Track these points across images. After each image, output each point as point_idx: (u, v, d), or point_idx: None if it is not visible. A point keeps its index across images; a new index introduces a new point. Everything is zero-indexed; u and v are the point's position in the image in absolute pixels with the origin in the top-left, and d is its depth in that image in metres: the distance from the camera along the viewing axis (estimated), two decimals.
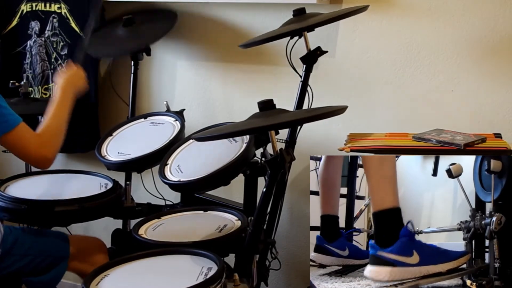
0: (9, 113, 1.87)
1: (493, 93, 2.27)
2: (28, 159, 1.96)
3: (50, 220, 2.10)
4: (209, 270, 1.68)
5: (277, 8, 2.47)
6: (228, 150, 2.11)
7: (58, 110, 2.01)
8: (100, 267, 1.73)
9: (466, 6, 2.26)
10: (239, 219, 2.02)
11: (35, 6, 2.85)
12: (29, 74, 2.90)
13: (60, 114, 2.01)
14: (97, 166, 2.44)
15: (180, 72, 2.78)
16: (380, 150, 2.00)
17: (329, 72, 2.47)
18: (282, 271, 2.51)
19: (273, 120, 1.68)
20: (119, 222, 2.36)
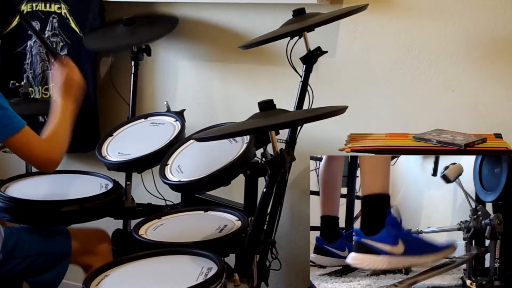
0: (14, 116, 1.86)
1: (494, 93, 2.27)
2: (34, 162, 1.93)
3: (50, 221, 2.10)
4: (209, 270, 1.68)
5: (278, 8, 2.47)
6: (228, 150, 2.11)
7: (62, 113, 1.99)
8: (101, 267, 1.73)
9: (466, 6, 2.26)
10: (240, 219, 2.02)
11: (35, 6, 2.85)
12: (29, 74, 2.90)
13: (64, 117, 1.99)
14: (98, 166, 2.44)
15: (181, 72, 2.79)
16: (381, 150, 2.00)
17: (329, 72, 2.47)
18: (282, 271, 2.51)
19: (274, 120, 1.68)
20: (120, 223, 2.36)
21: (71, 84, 2.06)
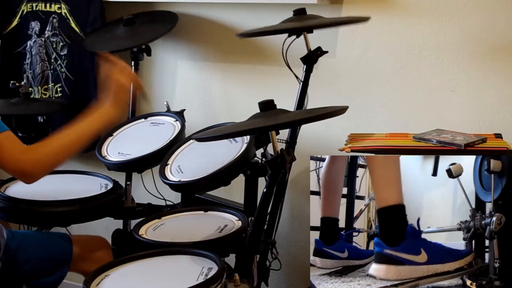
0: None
1: (494, 93, 2.27)
2: (5, 170, 1.77)
3: (50, 221, 2.10)
4: (210, 270, 1.68)
5: (278, 8, 2.47)
6: (228, 150, 2.11)
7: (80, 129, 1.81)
8: (101, 268, 1.73)
9: (466, 6, 2.26)
10: (240, 219, 2.02)
11: (35, 6, 2.85)
12: (29, 74, 2.90)
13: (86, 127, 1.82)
14: (98, 167, 2.44)
15: (181, 72, 2.79)
16: (381, 150, 2.00)
17: (329, 72, 2.47)
18: (282, 271, 2.51)
19: (274, 121, 1.68)
20: (120, 223, 2.36)
21: (122, 89, 1.91)
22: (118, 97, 1.89)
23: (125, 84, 1.92)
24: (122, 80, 1.90)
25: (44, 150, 1.77)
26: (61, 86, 2.86)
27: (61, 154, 1.79)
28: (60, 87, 2.86)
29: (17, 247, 1.97)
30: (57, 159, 1.79)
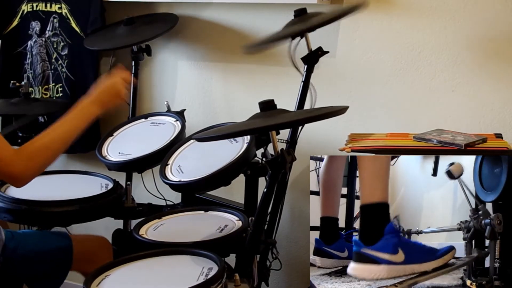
0: None
1: (494, 93, 2.27)
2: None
3: (50, 221, 2.10)
4: (210, 270, 1.68)
5: (278, 8, 2.47)
6: (229, 150, 2.11)
7: (61, 126, 1.79)
8: (101, 268, 1.73)
9: (466, 6, 2.26)
10: (240, 219, 2.02)
11: (35, 6, 2.85)
12: (29, 74, 2.90)
13: (62, 131, 1.78)
14: (98, 166, 2.44)
15: (181, 72, 2.79)
16: (381, 150, 2.00)
17: (330, 73, 2.47)
18: (282, 271, 2.51)
19: (274, 121, 1.68)
20: (120, 223, 2.36)
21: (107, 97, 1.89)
22: (102, 97, 1.88)
23: (118, 89, 1.91)
24: (118, 85, 1.91)
25: (33, 151, 1.73)
26: (62, 86, 2.86)
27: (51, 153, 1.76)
28: (60, 87, 2.87)
29: (16, 247, 1.97)
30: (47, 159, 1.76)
